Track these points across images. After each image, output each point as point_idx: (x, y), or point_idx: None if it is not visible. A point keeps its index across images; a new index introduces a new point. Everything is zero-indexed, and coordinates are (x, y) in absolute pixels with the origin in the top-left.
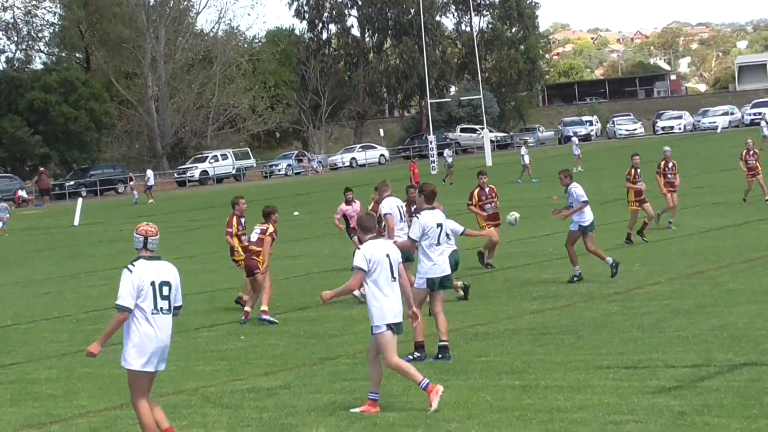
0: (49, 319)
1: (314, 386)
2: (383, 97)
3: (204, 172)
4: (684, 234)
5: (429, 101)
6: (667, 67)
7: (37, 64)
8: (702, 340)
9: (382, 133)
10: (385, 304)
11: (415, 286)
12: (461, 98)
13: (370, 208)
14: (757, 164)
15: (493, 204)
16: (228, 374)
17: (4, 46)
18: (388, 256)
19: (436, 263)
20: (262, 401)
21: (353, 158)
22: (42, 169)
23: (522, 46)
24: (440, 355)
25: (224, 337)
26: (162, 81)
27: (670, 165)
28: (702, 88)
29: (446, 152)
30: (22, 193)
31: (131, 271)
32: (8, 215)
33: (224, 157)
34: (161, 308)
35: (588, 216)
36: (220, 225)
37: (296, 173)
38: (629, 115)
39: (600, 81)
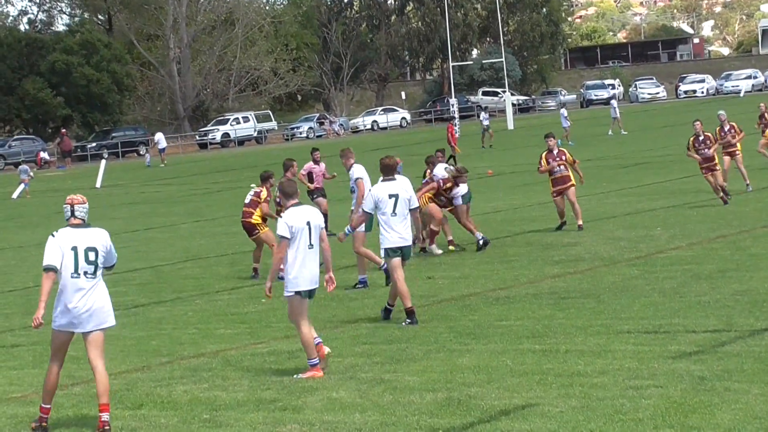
0: None
1: (335, 350)
2: (405, 59)
3: (225, 135)
4: (705, 198)
5: (451, 64)
6: (690, 31)
7: (59, 26)
8: (723, 305)
9: (403, 96)
10: (299, 272)
11: (382, 257)
12: (483, 61)
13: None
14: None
15: (561, 167)
16: (249, 337)
17: (26, 7)
18: (308, 223)
19: (393, 233)
20: (283, 364)
21: (375, 121)
22: (64, 130)
23: (544, 9)
24: (383, 314)
25: (245, 300)
26: (184, 43)
27: (727, 128)
28: (725, 51)
29: (482, 115)
30: (44, 155)
31: (54, 236)
32: (29, 177)
33: (246, 119)
34: (85, 272)
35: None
36: (242, 188)
37: (317, 136)
38: (652, 78)
39: (623, 44)
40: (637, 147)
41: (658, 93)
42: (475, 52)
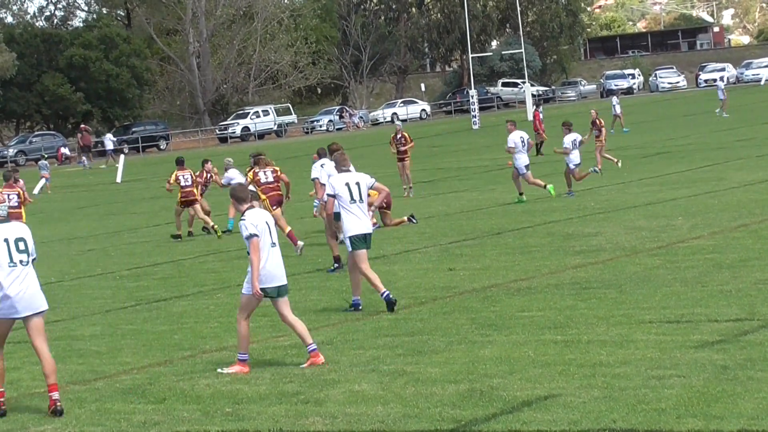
0: (92, 276)
1: (357, 342)
2: (424, 51)
3: (245, 129)
4: (728, 187)
5: (470, 55)
6: (710, 19)
7: (78, 22)
8: (745, 294)
9: (423, 88)
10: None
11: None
12: (503, 52)
13: None
14: None
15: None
16: (270, 330)
17: (43, 3)
18: (267, 223)
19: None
20: (305, 357)
21: (394, 113)
22: (84, 126)
23: None
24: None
25: None
26: (203, 37)
27: (399, 136)
28: (745, 40)
29: (614, 99)
30: (65, 151)
31: None
32: (48, 173)
33: (266, 113)
34: (20, 261)
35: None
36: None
37: (337, 129)
38: (672, 67)
39: (642, 34)
40: (658, 136)
41: (678, 82)
42: (494, 43)
